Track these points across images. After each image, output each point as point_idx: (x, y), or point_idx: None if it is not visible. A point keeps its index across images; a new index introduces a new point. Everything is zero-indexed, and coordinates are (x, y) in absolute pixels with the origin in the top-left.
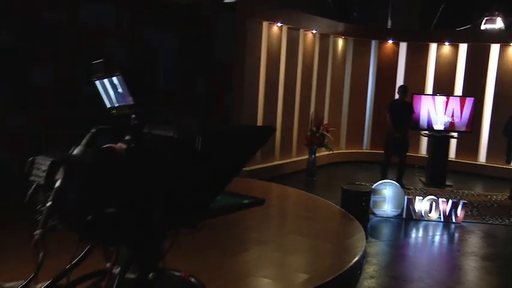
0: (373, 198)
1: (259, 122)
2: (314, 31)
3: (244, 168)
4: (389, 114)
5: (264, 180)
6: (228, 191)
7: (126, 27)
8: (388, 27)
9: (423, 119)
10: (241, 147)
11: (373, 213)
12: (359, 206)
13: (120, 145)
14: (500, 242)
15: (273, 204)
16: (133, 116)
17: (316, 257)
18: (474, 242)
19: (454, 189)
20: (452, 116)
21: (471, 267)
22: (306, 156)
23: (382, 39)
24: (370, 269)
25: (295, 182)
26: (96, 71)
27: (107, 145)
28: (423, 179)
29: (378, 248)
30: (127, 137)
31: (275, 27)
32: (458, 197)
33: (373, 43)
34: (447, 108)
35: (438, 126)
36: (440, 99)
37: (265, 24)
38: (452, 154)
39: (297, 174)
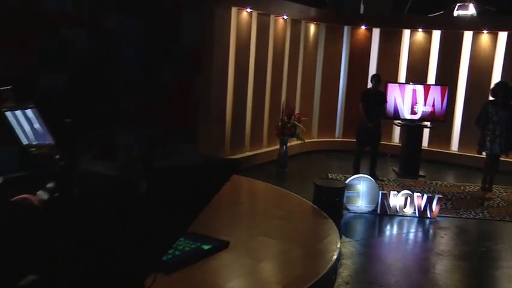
0: (346, 193)
1: (229, 113)
2: (285, 16)
3: None
4: (362, 104)
5: (239, 172)
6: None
7: (87, 11)
8: (361, 12)
9: (396, 108)
10: (198, 188)
11: (347, 209)
12: (332, 202)
13: (40, 195)
14: (475, 239)
15: (242, 201)
16: (57, 156)
17: (289, 263)
18: (449, 239)
19: (427, 180)
20: (426, 105)
21: (447, 268)
22: (278, 146)
23: (355, 25)
24: (344, 273)
25: (267, 173)
26: (5, 100)
27: (19, 196)
28: (396, 169)
29: (353, 249)
30: (49, 185)
31: (244, 13)
32: (432, 188)
33: (346, 29)
34: (420, 97)
35: (411, 115)
36: (414, 87)
37: (234, 9)
38: (425, 143)
39: (268, 165)
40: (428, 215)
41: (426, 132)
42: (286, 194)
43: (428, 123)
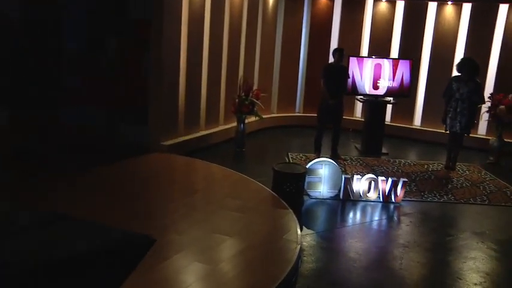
0: (307, 178)
1: (182, 90)
2: None
3: (163, 143)
4: (324, 80)
5: (190, 153)
6: None
7: None
8: None
9: (359, 83)
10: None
11: (308, 195)
12: (292, 189)
13: None
14: (441, 227)
15: (197, 190)
16: None
17: (247, 266)
18: (414, 228)
19: (390, 159)
20: (389, 79)
21: (414, 263)
22: (235, 124)
23: None
24: (305, 272)
25: (224, 153)
26: None
27: None
28: (359, 147)
29: (314, 242)
30: None
31: None
32: (396, 168)
33: None
34: (383, 71)
35: (374, 90)
36: (377, 61)
37: None
38: (387, 118)
39: (225, 144)
40: (393, 200)
41: (389, 107)
42: (243, 180)
43: (391, 99)
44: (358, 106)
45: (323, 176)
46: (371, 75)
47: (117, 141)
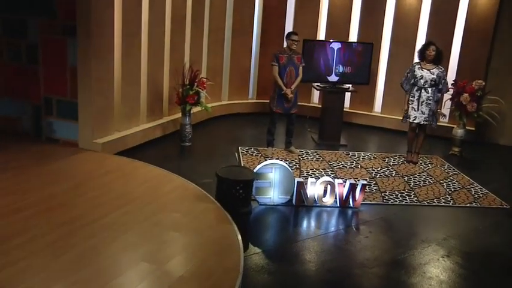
0: (256, 184)
1: (117, 81)
2: None
3: (96, 140)
4: (276, 68)
5: (129, 150)
6: None
7: None
8: None
9: (315, 69)
10: None
11: (257, 201)
12: (238, 197)
13: None
14: (404, 237)
15: (130, 200)
16: None
17: None
18: (375, 240)
19: (349, 152)
20: (348, 65)
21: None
22: (180, 115)
23: None
24: None
25: (167, 149)
26: None
27: None
28: (315, 138)
29: (260, 264)
30: None
31: None
32: (354, 163)
33: None
34: (342, 56)
35: (332, 77)
36: (335, 46)
37: None
38: (346, 104)
39: (170, 138)
40: (351, 205)
41: (348, 94)
42: (183, 186)
43: (350, 86)
44: (316, 91)
45: (273, 181)
46: (328, 60)
47: (41, 138)
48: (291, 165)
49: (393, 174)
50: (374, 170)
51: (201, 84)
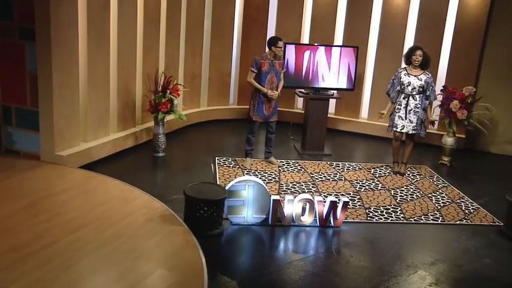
0: (228, 202)
1: (83, 88)
2: None
3: (59, 152)
4: (257, 74)
5: (97, 162)
6: None
7: None
8: None
9: (297, 75)
10: None
11: (230, 221)
12: (209, 216)
13: None
14: (389, 262)
15: (87, 223)
16: None
17: None
18: (357, 266)
19: (333, 162)
20: (332, 71)
21: None
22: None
23: None
24: None
25: (139, 161)
26: None
27: None
28: (298, 147)
29: None
30: None
31: None
32: (338, 174)
33: None
34: (326, 61)
35: (315, 83)
36: (318, 50)
37: None
38: (331, 110)
39: (143, 148)
40: (332, 223)
41: (332, 101)
42: (148, 205)
43: (335, 93)
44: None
45: (246, 199)
46: (310, 65)
47: (0, 150)
48: (270, 177)
49: (379, 187)
50: (359, 183)
51: (175, 91)
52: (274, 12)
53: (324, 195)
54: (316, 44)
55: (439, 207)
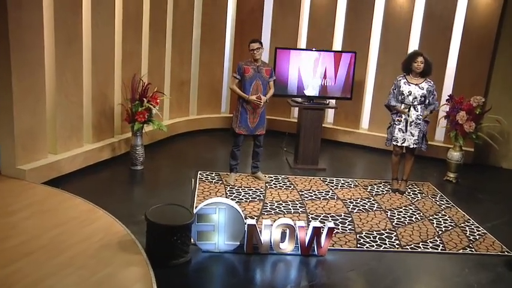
0: (197, 227)
1: (50, 96)
2: None
3: (21, 166)
4: (240, 81)
5: (68, 176)
6: None
7: None
8: None
9: (290, 82)
10: None
11: (200, 248)
12: (171, 245)
13: None
14: None
15: (32, 250)
16: None
17: None
18: None
19: (326, 178)
20: (328, 77)
21: None
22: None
23: None
24: None
25: (114, 175)
26: None
27: None
28: (290, 161)
29: None
30: None
31: None
32: (330, 192)
33: None
34: (321, 67)
35: (309, 91)
36: (313, 55)
37: None
38: (330, 119)
39: (121, 160)
40: (315, 252)
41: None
42: (107, 228)
43: (333, 102)
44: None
45: (217, 224)
46: (305, 72)
47: None
48: (254, 195)
49: (374, 208)
50: (352, 202)
51: (153, 100)
52: (270, 15)
53: (310, 218)
54: (314, 50)
55: (440, 232)
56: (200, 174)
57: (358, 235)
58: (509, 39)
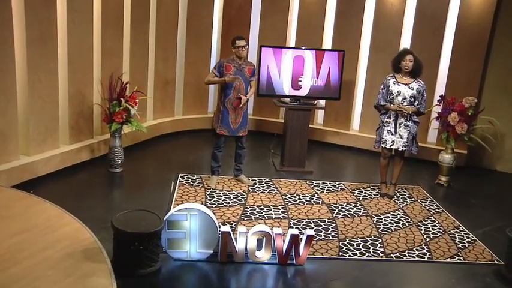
0: (167, 234)
1: (22, 97)
2: None
3: None
4: (218, 79)
5: (42, 178)
6: None
7: None
8: None
9: (276, 82)
10: None
11: (171, 257)
12: (139, 253)
13: None
14: None
15: None
16: None
17: None
18: None
19: (312, 181)
20: (315, 77)
21: None
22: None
23: None
24: None
25: (92, 177)
26: None
27: None
28: (276, 163)
29: None
30: None
31: None
32: (316, 197)
33: None
34: (308, 66)
35: (295, 91)
36: (298, 54)
37: None
38: (319, 120)
39: (100, 162)
40: (294, 260)
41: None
42: (73, 235)
43: (321, 102)
44: None
45: (188, 231)
46: (290, 71)
47: None
48: (235, 199)
49: (360, 213)
50: (337, 207)
51: (132, 99)
52: (258, 12)
53: (292, 224)
54: (303, 47)
55: (428, 239)
56: (181, 177)
57: (341, 242)
58: (504, 37)
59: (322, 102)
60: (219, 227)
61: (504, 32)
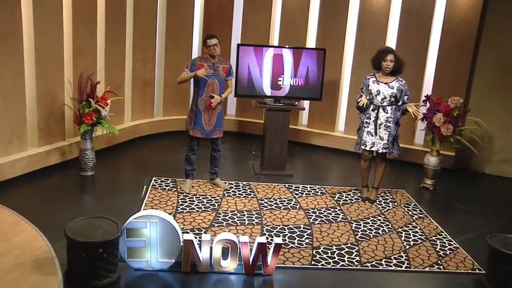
0: (126, 243)
1: None
2: None
3: None
4: (188, 75)
5: (7, 182)
6: None
7: None
8: None
9: (256, 81)
10: None
11: (131, 267)
12: (94, 264)
13: None
14: None
15: None
16: None
17: None
18: None
19: (292, 184)
20: (295, 76)
21: None
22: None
23: None
24: None
25: (61, 181)
26: None
27: None
28: (256, 166)
29: None
30: None
31: None
32: (293, 201)
33: None
34: (288, 65)
35: (274, 91)
36: (278, 52)
37: None
38: (304, 121)
39: (71, 165)
40: (262, 271)
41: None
42: (27, 244)
43: (303, 104)
44: None
45: (149, 239)
46: (269, 70)
47: None
48: (208, 203)
49: (338, 219)
50: (315, 213)
51: (102, 100)
52: (240, 10)
53: (265, 231)
54: (287, 46)
55: (407, 246)
56: (154, 180)
57: (314, 250)
58: (492, 35)
59: (306, 103)
60: (182, 235)
61: (493, 29)
